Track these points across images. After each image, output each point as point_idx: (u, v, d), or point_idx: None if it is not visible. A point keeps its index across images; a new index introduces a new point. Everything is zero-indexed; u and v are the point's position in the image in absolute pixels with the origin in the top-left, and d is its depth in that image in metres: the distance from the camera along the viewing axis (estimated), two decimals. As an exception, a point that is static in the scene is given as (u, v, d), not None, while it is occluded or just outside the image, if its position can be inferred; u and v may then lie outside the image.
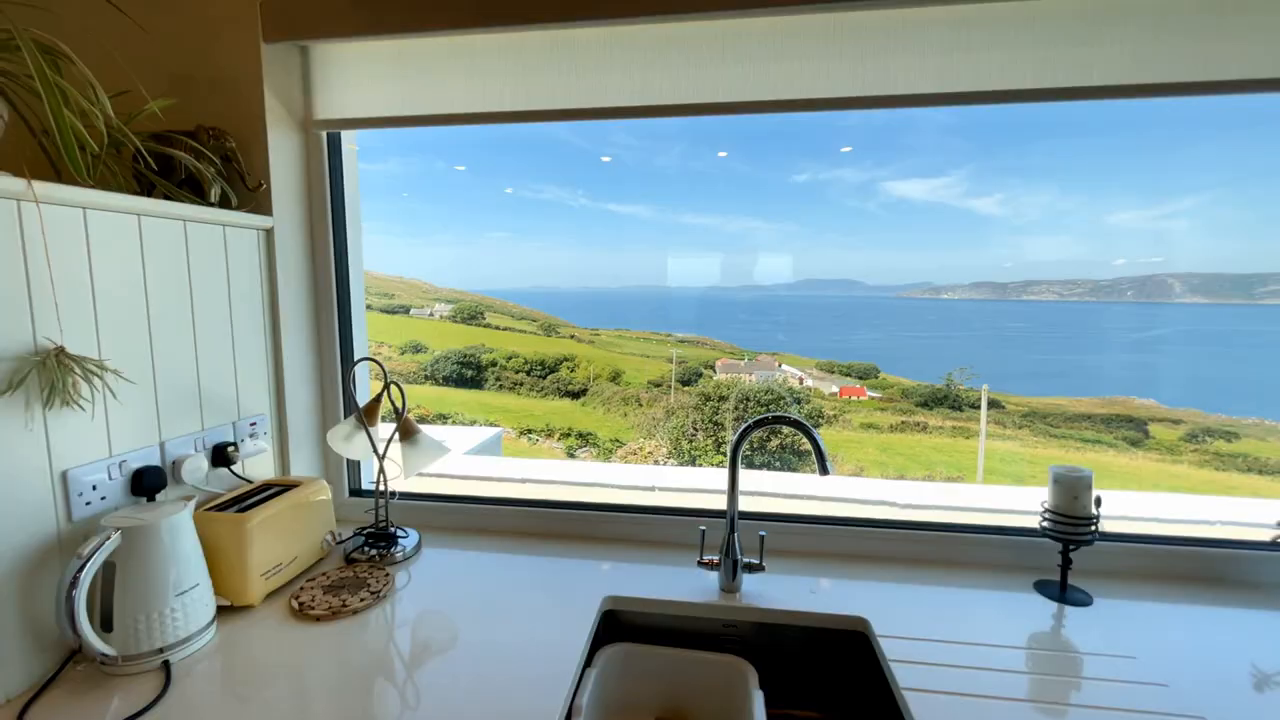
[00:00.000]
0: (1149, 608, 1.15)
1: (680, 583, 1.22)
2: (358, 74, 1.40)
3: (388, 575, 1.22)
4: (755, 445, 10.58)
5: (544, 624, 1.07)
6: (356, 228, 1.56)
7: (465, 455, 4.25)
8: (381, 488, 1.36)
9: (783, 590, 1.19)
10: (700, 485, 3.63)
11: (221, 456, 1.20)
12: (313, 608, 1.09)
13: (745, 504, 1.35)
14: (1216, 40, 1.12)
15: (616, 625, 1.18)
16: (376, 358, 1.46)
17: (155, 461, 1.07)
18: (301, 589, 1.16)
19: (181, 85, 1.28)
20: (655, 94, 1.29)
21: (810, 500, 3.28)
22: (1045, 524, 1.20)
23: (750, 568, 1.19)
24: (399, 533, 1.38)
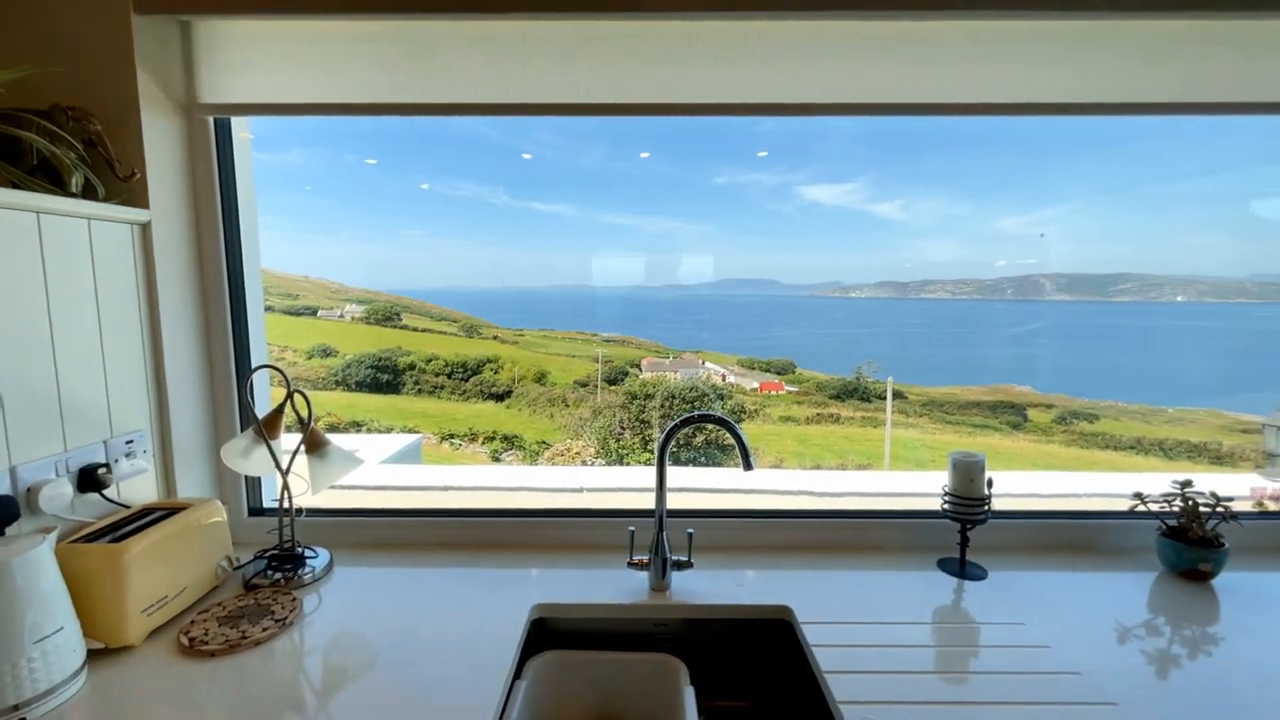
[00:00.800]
0: (1034, 577, 1.27)
1: (611, 585, 1.22)
2: (249, 56, 1.28)
3: (295, 600, 1.13)
4: (681, 442, 10.77)
5: (470, 638, 1.03)
6: (252, 222, 1.43)
7: (381, 465, 4.03)
8: (286, 505, 1.25)
9: (711, 585, 1.22)
10: (629, 484, 3.65)
11: (91, 480, 1.07)
12: (206, 642, 0.99)
13: (673, 501, 1.37)
14: (1082, 69, 1.26)
15: (547, 633, 1.15)
16: (278, 364, 1.35)
17: (4, 489, 0.93)
18: (192, 622, 1.05)
19: (34, 57, 1.11)
20: (576, 92, 1.28)
21: (736, 494, 3.38)
22: (946, 506, 1.30)
23: (679, 565, 1.21)
24: (307, 553, 1.28)
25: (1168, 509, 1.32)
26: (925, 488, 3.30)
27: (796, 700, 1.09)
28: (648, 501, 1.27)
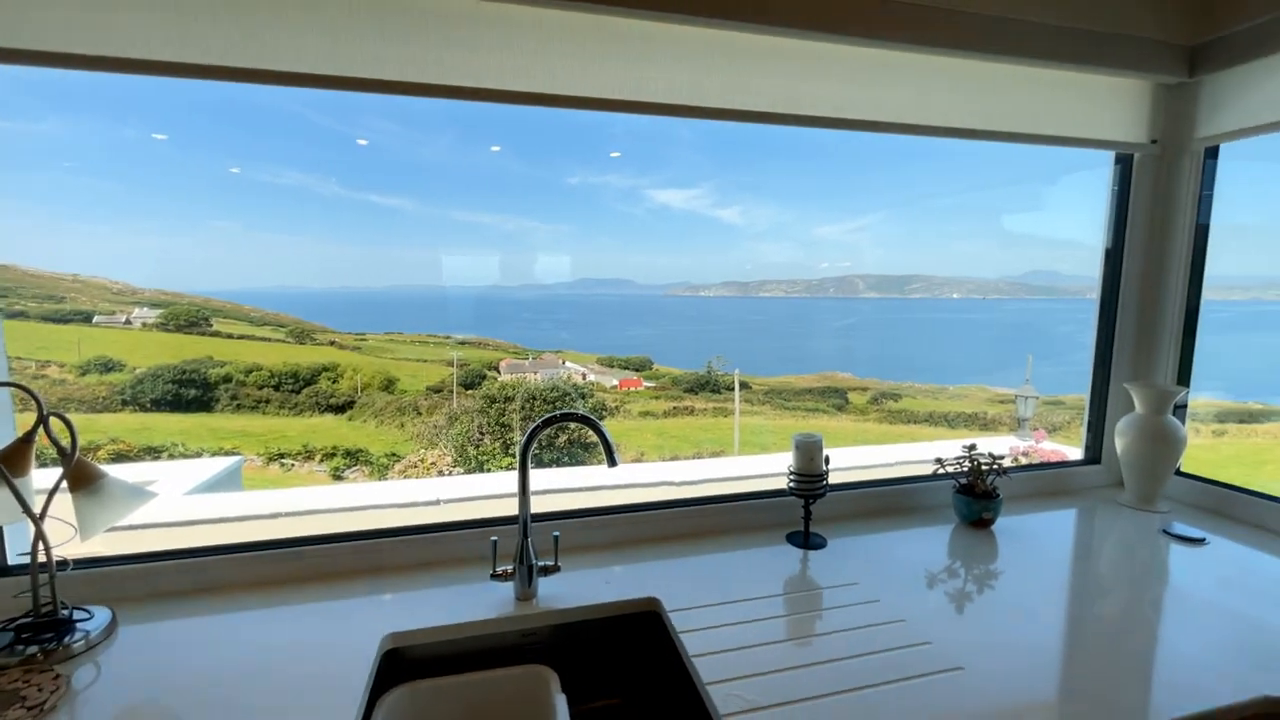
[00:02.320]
0: (863, 540, 1.44)
1: (473, 601, 1.14)
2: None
3: (58, 678, 0.90)
4: (544, 443, 10.61)
5: (309, 686, 0.90)
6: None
7: (187, 497, 3.42)
8: (43, 559, 1.00)
9: (579, 587, 1.20)
10: (491, 491, 3.50)
11: None
12: (-83, 754, 0.75)
13: (538, 505, 1.33)
14: (886, 92, 1.45)
15: (404, 664, 1.05)
16: (30, 382, 1.07)
17: None
18: (-107, 731, 0.79)
19: None
20: (413, 70, 1.17)
21: (601, 490, 3.40)
22: (791, 484, 1.42)
23: (546, 570, 1.17)
24: (77, 614, 1.03)
25: (959, 469, 1.58)
26: (772, 468, 3.60)
27: (668, 689, 1.12)
28: (512, 508, 1.21)
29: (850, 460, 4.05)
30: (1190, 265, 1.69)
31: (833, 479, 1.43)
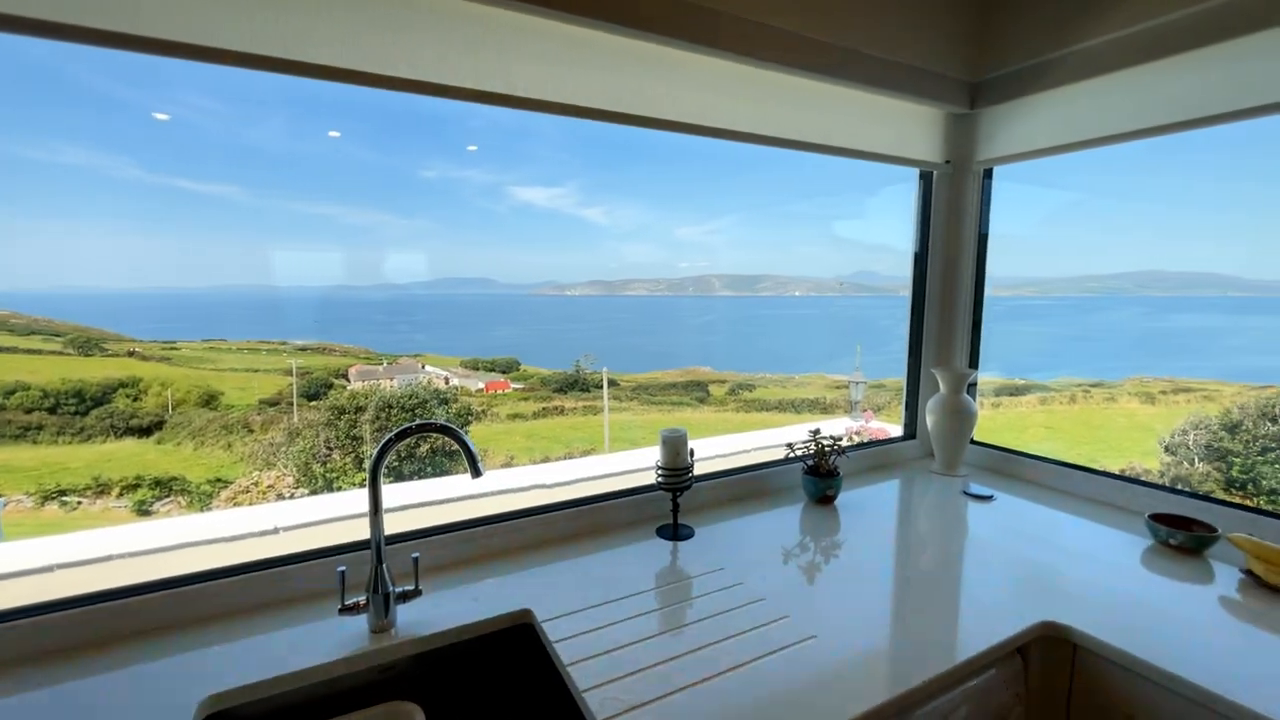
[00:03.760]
0: (727, 526, 1.52)
1: (319, 641, 1.02)
2: None
3: None
4: (404, 454, 9.89)
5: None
6: None
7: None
8: None
9: (444, 609, 1.12)
10: (344, 511, 3.17)
11: None
12: None
13: (397, 523, 1.22)
14: (743, 103, 1.53)
15: (229, 727, 0.90)
16: None
17: None
18: None
19: None
20: (247, 38, 1.01)
21: (469, 501, 3.24)
22: (660, 479, 1.45)
23: (405, 596, 1.08)
24: None
25: (807, 452, 1.73)
26: (643, 462, 3.68)
27: (546, 702, 1.09)
28: (365, 529, 1.10)
29: (713, 449, 4.28)
30: (976, 267, 2.02)
31: (697, 469, 1.49)
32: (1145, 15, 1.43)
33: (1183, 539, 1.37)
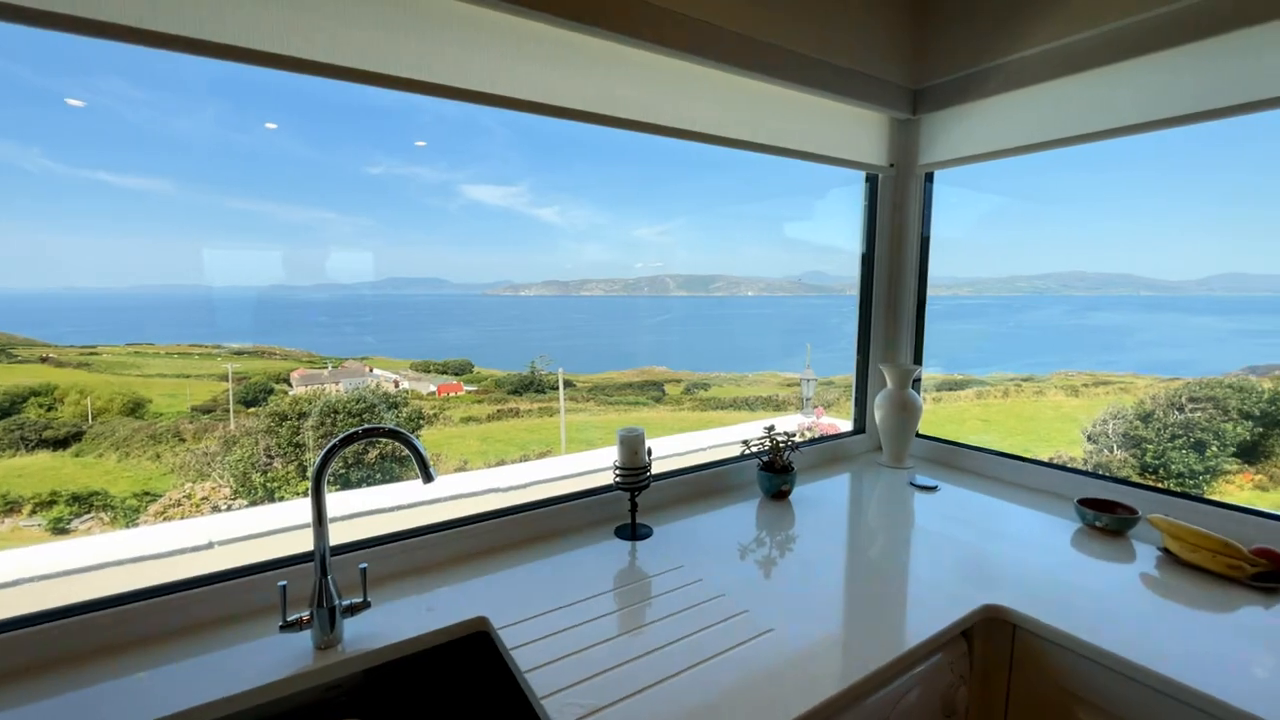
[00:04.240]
0: (685, 524, 1.53)
1: (259, 660, 0.96)
2: None
3: None
4: (350, 461, 9.51)
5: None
6: None
7: None
8: None
9: (394, 621, 1.08)
10: (287, 522, 3.01)
11: None
12: None
13: (344, 533, 1.17)
14: (691, 102, 1.54)
15: (158, 759, 0.84)
16: None
17: None
18: None
19: None
20: (128, 11, 0.94)
21: (421, 507, 3.14)
22: (617, 479, 1.44)
23: (352, 610, 1.03)
24: None
25: (762, 448, 1.76)
26: (600, 463, 3.66)
27: (504, 712, 1.06)
28: (309, 541, 1.04)
29: (670, 448, 4.30)
30: (919, 267, 2.10)
31: (655, 468, 1.49)
32: (1066, 32, 1.52)
33: (1107, 521, 1.46)
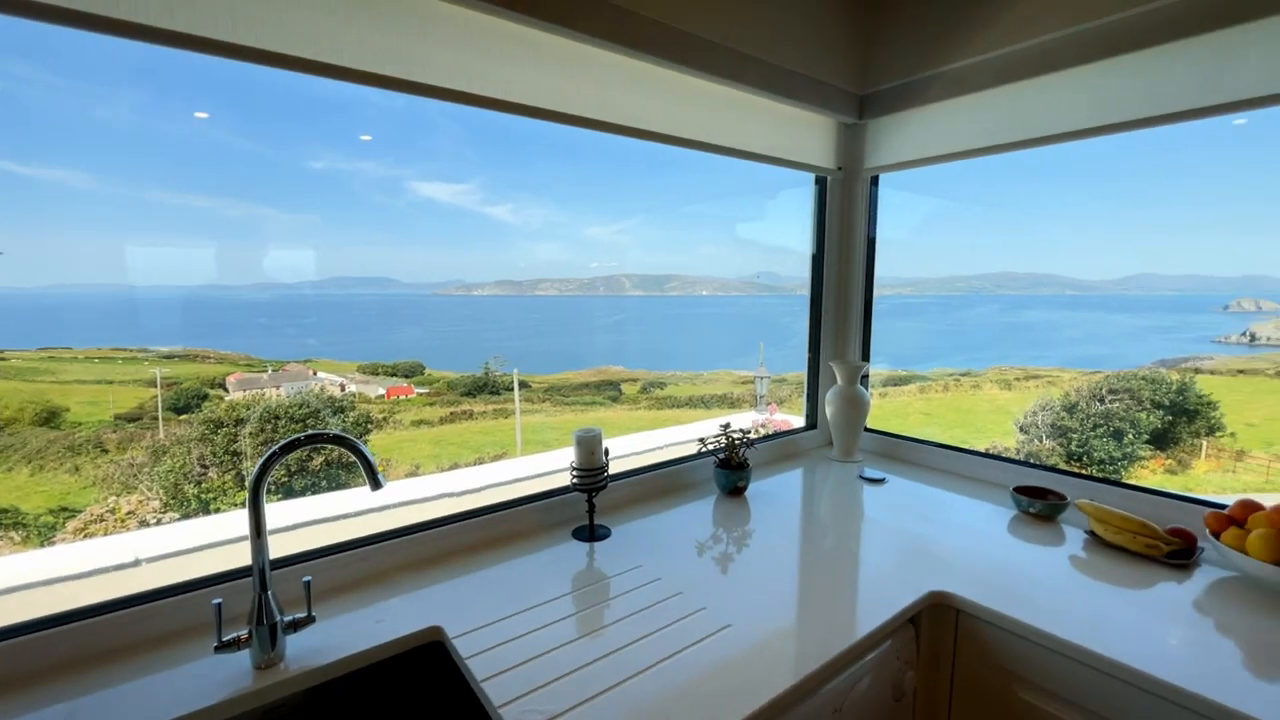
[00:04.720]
0: (642, 523, 1.53)
1: (190, 686, 0.90)
2: None
3: None
4: (293, 469, 9.09)
5: None
6: None
7: None
8: None
9: (341, 635, 1.03)
10: (225, 535, 2.85)
11: None
12: None
13: (287, 544, 1.12)
14: (645, 97, 1.54)
15: (77, 797, 0.78)
16: None
17: None
18: None
19: None
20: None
21: (369, 515, 3.02)
22: (574, 480, 1.43)
23: (295, 625, 0.98)
24: None
25: (718, 446, 1.78)
26: (557, 464, 3.62)
27: None
28: (247, 555, 0.99)
29: (627, 448, 4.30)
30: (866, 267, 2.17)
31: (612, 468, 1.49)
32: (1002, 43, 1.60)
33: (1040, 508, 1.55)
